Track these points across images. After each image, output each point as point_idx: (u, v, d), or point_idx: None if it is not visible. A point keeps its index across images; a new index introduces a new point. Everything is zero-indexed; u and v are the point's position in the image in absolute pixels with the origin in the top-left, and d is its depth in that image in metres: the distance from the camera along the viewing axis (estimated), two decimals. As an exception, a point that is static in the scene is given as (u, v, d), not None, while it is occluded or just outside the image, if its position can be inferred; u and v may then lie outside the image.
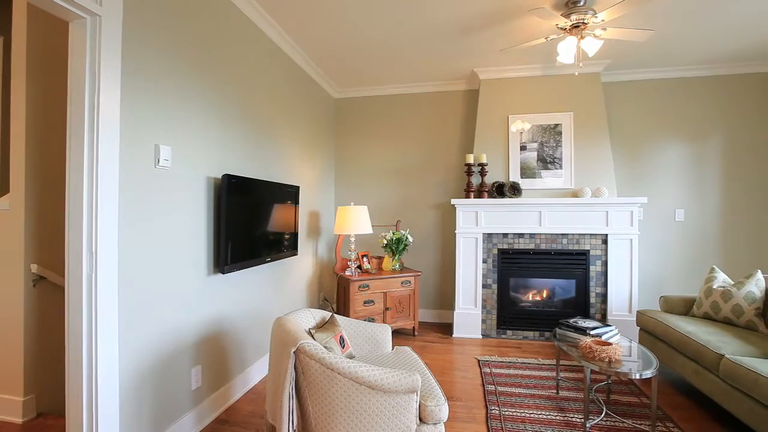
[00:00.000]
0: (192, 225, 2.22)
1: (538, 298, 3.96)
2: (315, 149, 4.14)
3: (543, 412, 2.44)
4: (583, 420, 2.25)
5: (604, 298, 3.76)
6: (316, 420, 1.64)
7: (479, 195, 3.96)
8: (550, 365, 3.18)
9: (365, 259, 4.06)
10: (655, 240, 4.04)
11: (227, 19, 2.55)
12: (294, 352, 1.63)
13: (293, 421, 1.62)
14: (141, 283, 1.87)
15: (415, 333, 4.01)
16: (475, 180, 4.06)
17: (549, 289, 3.95)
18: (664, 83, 4.02)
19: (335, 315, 2.29)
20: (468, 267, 3.95)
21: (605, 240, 3.75)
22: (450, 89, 4.47)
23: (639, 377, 2.04)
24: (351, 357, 2.14)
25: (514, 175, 3.99)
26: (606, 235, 3.74)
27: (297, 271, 3.65)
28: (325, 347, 1.87)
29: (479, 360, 3.31)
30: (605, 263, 3.75)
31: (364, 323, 2.42)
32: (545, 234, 3.85)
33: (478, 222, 3.92)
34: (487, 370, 3.10)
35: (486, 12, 2.85)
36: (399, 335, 3.99)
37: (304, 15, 2.92)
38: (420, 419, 1.66)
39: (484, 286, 3.94)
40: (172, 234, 2.06)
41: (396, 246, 3.99)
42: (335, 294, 4.35)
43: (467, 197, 3.97)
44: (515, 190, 3.89)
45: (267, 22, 2.96)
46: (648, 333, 3.06)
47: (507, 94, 4.06)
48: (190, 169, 2.19)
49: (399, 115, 4.61)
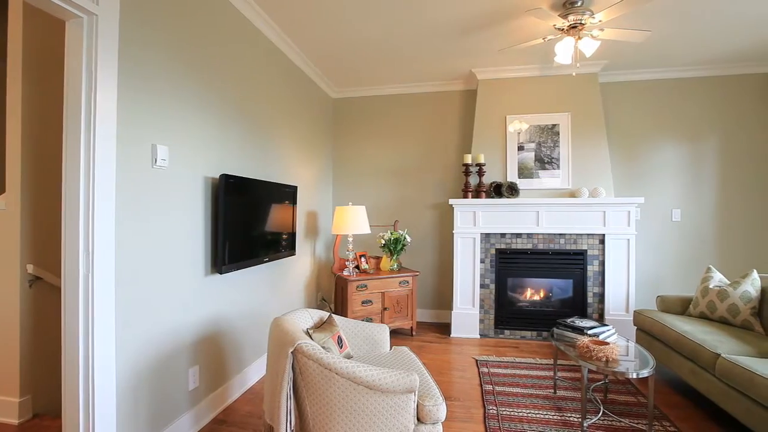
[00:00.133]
0: (189, 225, 2.21)
1: (535, 297, 3.97)
2: (313, 149, 4.13)
3: (540, 411, 2.45)
4: (581, 419, 2.25)
5: (601, 297, 3.77)
6: (314, 420, 1.64)
7: (477, 195, 3.96)
8: (547, 365, 3.18)
9: (363, 259, 4.06)
10: (652, 240, 4.05)
11: (225, 19, 2.54)
12: (292, 352, 1.63)
13: (291, 422, 1.62)
14: (138, 284, 1.86)
15: (413, 333, 4.01)
16: (473, 180, 4.07)
17: (546, 289, 3.96)
18: (661, 84, 4.04)
19: (333, 315, 2.28)
20: (466, 267, 3.96)
21: (602, 240, 3.76)
22: (448, 89, 4.47)
23: (636, 376, 2.05)
24: (349, 357, 2.14)
25: (511, 175, 4.00)
26: (603, 235, 3.76)
27: (295, 271, 3.65)
28: (323, 347, 1.87)
29: (477, 360, 3.32)
30: (602, 263, 3.76)
31: (362, 323, 2.41)
32: (543, 234, 3.86)
33: (475, 222, 3.93)
34: (485, 369, 3.11)
35: (484, 12, 2.86)
36: (397, 335, 3.99)
37: (302, 14, 2.92)
38: (418, 419, 1.66)
39: (481, 286, 3.95)
40: (169, 234, 2.05)
41: (394, 246, 3.99)
42: (333, 294, 4.34)
43: (465, 197, 3.97)
44: (513, 190, 3.90)
45: (265, 21, 2.95)
46: (645, 332, 3.07)
47: (505, 94, 4.07)
48: (187, 169, 2.19)
49: (397, 115, 4.62)
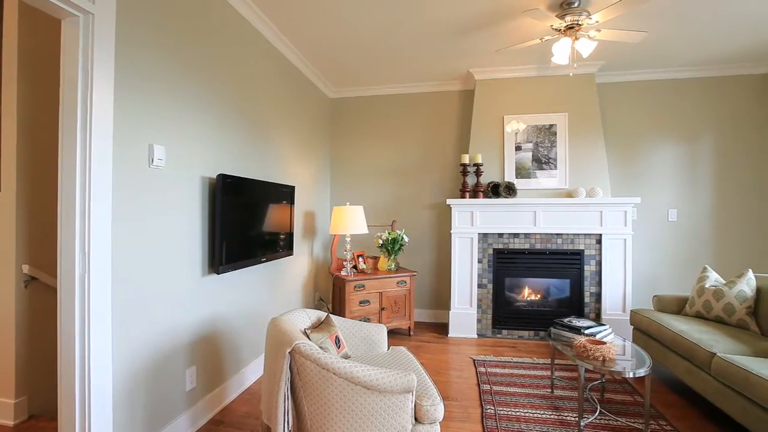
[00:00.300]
0: (187, 225, 2.20)
1: (533, 297, 3.98)
2: (311, 149, 4.13)
3: (538, 411, 2.46)
4: (578, 419, 2.26)
5: (598, 297, 3.79)
6: (311, 420, 1.64)
7: (475, 195, 3.97)
8: (544, 364, 3.19)
9: (361, 259, 4.06)
10: (649, 240, 4.07)
11: (222, 18, 2.54)
12: (289, 352, 1.62)
13: (289, 422, 1.62)
14: (134, 284, 1.85)
15: (411, 333, 4.01)
16: (471, 180, 4.07)
17: (544, 289, 3.97)
18: (657, 84, 4.06)
19: (331, 315, 2.28)
20: (463, 267, 3.96)
21: (599, 240, 3.78)
22: (445, 89, 4.48)
23: (632, 376, 2.06)
24: (346, 357, 2.14)
25: (509, 175, 4.00)
26: (600, 235, 3.77)
27: (292, 271, 3.64)
28: (321, 347, 1.87)
29: (474, 359, 3.32)
30: (599, 263, 3.78)
31: (359, 323, 2.41)
32: (540, 234, 3.87)
33: (473, 222, 3.94)
34: (483, 369, 3.11)
35: (481, 12, 2.86)
36: (395, 335, 3.99)
37: (300, 14, 2.91)
38: (416, 419, 1.66)
39: (479, 285, 3.95)
40: (166, 234, 2.05)
41: (392, 246, 3.99)
42: (331, 294, 4.34)
43: (463, 197, 3.98)
44: (510, 190, 3.90)
45: (262, 21, 2.95)
46: (641, 332, 3.08)
47: (502, 94, 4.08)
48: (184, 169, 2.18)
49: (394, 115, 4.62)
